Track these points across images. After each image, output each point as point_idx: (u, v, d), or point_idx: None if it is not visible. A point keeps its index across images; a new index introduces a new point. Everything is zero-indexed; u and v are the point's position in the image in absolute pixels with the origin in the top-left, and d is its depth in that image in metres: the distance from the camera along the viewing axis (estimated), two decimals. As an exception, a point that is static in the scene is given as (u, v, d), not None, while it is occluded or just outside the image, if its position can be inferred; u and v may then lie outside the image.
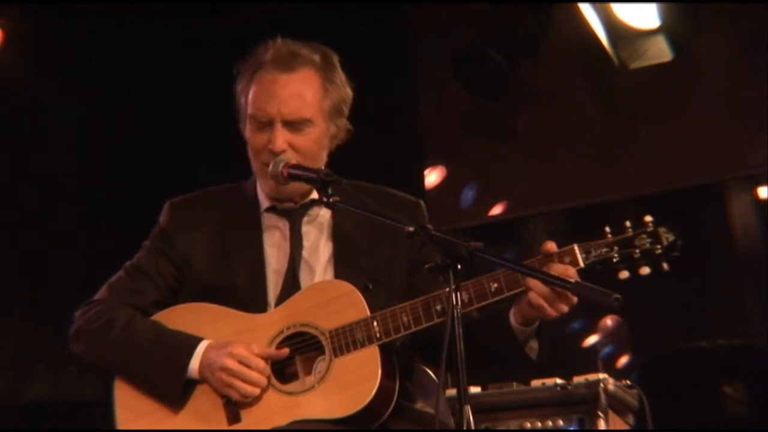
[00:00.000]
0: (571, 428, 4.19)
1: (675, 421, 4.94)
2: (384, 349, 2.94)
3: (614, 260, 2.82)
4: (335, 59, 3.19)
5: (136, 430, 3.06)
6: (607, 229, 2.85)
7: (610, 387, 4.20)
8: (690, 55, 5.60)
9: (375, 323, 2.93)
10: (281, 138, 3.07)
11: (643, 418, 4.37)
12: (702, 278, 6.41)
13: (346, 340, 2.94)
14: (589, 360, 6.59)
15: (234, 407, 2.98)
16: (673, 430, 5.13)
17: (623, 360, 6.42)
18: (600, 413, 4.14)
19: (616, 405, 4.26)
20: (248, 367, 2.96)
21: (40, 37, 5.96)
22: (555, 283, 2.75)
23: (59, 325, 3.25)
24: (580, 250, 2.84)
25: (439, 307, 2.88)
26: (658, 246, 2.80)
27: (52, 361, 5.79)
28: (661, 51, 5.50)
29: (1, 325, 5.79)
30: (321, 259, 3.16)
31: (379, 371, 2.90)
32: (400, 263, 3.16)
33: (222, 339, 3.03)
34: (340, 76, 3.18)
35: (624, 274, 2.81)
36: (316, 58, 3.14)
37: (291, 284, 3.12)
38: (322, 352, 2.97)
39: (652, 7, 5.36)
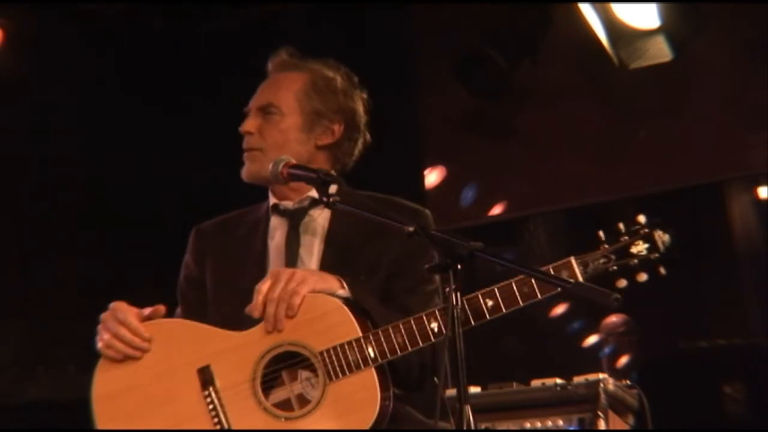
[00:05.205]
0: (571, 428, 4.19)
1: (675, 421, 4.94)
2: (379, 368, 2.86)
3: (612, 270, 2.81)
4: (354, 78, 3.26)
5: (135, 429, 3.03)
6: (600, 233, 2.82)
7: (610, 387, 4.20)
8: (690, 55, 5.60)
9: (369, 346, 2.84)
10: (251, 121, 3.19)
11: (643, 418, 4.37)
12: (702, 278, 6.41)
13: (340, 362, 2.84)
14: (590, 360, 6.60)
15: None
16: (673, 430, 5.13)
17: (623, 360, 6.42)
18: (600, 413, 4.14)
19: (616, 405, 4.26)
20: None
21: (40, 37, 5.96)
22: (555, 282, 2.73)
23: (59, 325, 3.24)
24: (577, 263, 2.80)
25: (434, 326, 2.81)
26: (656, 253, 2.79)
27: (52, 361, 5.78)
28: (661, 51, 5.50)
29: (1, 325, 5.79)
30: (313, 261, 3.12)
31: (378, 396, 2.82)
32: (382, 264, 3.09)
33: (204, 358, 2.96)
34: (344, 89, 3.22)
35: (622, 283, 2.78)
36: (319, 68, 3.22)
37: None
38: (312, 370, 2.89)
39: (652, 7, 5.36)
